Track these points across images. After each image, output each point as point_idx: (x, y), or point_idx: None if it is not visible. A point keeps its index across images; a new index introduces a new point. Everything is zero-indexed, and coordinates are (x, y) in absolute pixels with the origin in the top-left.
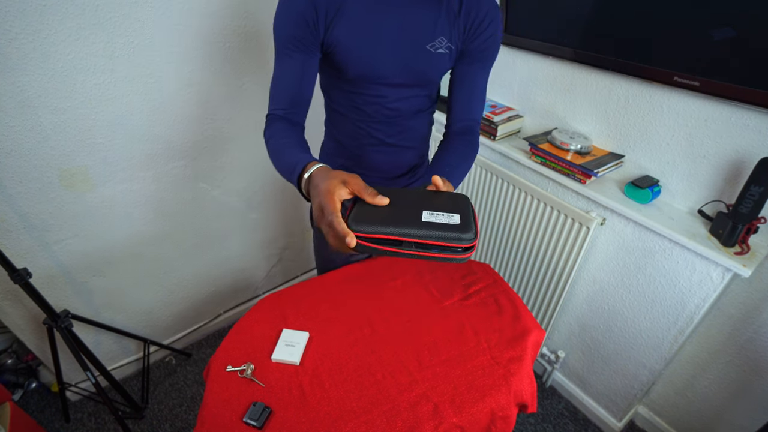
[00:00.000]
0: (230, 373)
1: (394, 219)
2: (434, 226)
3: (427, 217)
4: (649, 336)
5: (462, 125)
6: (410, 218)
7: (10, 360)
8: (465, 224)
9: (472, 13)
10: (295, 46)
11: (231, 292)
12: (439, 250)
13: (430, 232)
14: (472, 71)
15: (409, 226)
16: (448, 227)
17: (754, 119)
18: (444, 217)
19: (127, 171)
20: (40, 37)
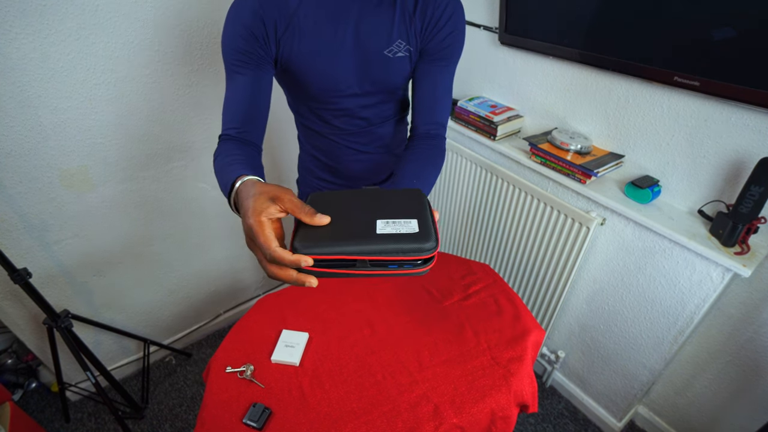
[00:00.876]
0: (230, 374)
1: (345, 234)
2: (391, 238)
3: (382, 228)
4: (649, 336)
5: (425, 129)
6: (364, 231)
7: (10, 360)
8: (424, 232)
9: (428, 10)
10: (244, 62)
11: (231, 292)
12: (398, 266)
13: (386, 246)
14: (433, 70)
15: (363, 241)
16: (406, 238)
17: (754, 119)
18: (400, 225)
19: (127, 171)
20: (40, 37)
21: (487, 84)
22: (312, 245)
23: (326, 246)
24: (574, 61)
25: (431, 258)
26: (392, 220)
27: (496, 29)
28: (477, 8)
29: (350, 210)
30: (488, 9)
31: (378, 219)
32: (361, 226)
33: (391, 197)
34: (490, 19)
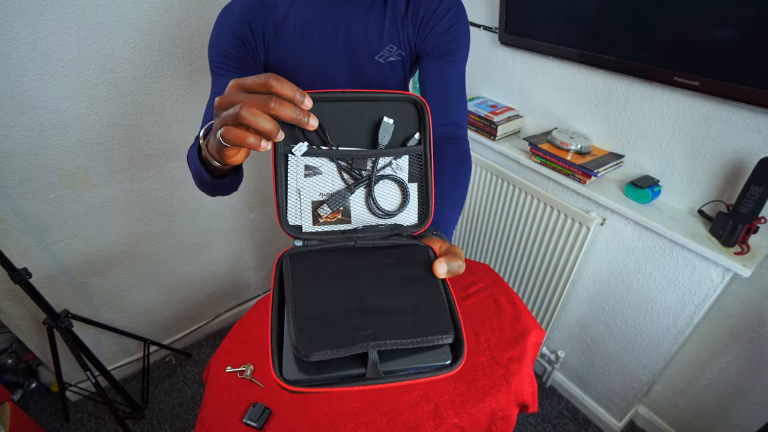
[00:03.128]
0: (230, 374)
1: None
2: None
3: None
4: (649, 336)
5: (442, 132)
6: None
7: (10, 360)
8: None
9: (421, 10)
10: (229, 65)
11: (231, 292)
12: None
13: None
14: (438, 68)
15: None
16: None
17: (754, 119)
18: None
19: (127, 171)
20: (40, 37)
21: (487, 84)
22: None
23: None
24: (574, 61)
25: (457, 353)
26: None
27: (496, 29)
28: (477, 8)
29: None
30: (488, 9)
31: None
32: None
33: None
34: (490, 19)
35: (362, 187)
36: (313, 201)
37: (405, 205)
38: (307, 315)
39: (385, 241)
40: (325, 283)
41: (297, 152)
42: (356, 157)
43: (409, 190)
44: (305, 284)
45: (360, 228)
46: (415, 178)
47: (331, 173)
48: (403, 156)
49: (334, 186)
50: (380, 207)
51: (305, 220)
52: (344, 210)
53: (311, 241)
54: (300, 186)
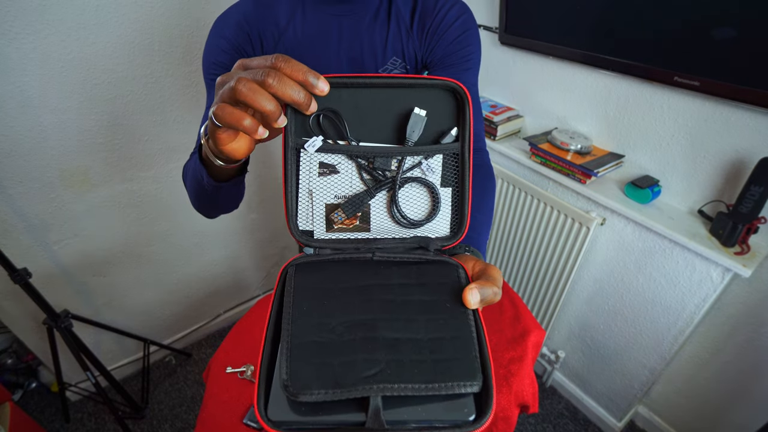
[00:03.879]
0: (230, 374)
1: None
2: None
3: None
4: (649, 336)
5: None
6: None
7: (10, 360)
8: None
9: (427, 20)
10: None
11: (231, 292)
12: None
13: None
14: (450, 77)
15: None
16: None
17: (754, 119)
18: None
19: (127, 171)
20: (40, 37)
21: (487, 84)
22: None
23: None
24: (574, 61)
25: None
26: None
27: (496, 29)
28: (477, 8)
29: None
30: (488, 9)
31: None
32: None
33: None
34: (490, 19)
35: (385, 191)
36: (327, 204)
37: (435, 214)
38: (304, 343)
39: (408, 255)
40: (332, 304)
41: (310, 148)
42: (379, 155)
43: (440, 197)
44: (308, 303)
45: (380, 238)
46: (449, 183)
47: (349, 173)
48: (436, 155)
49: (351, 188)
50: (405, 215)
51: (317, 225)
52: (362, 216)
53: (323, 249)
54: (312, 186)
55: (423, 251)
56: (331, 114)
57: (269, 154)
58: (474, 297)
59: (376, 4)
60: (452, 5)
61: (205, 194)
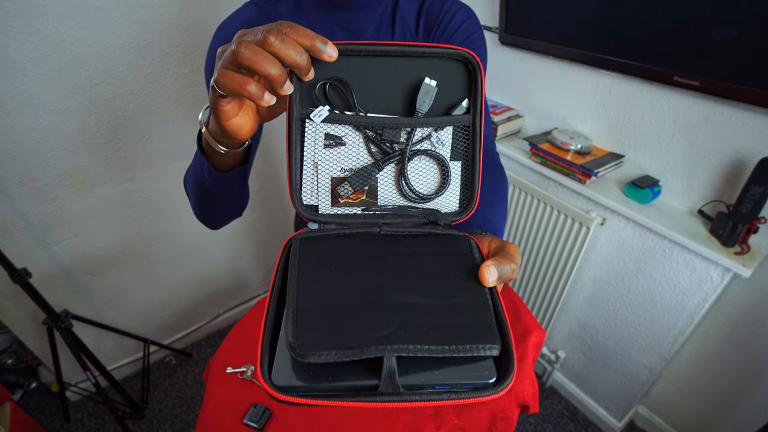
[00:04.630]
0: (230, 374)
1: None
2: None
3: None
4: (649, 336)
5: None
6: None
7: (10, 360)
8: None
9: (432, 27)
10: None
11: (231, 292)
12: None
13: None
14: None
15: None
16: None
17: (754, 119)
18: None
19: (127, 171)
20: (40, 37)
21: (487, 84)
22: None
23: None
24: (574, 61)
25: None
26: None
27: (496, 29)
28: (477, 8)
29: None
30: (488, 9)
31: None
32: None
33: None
34: (490, 19)
35: (393, 164)
36: (332, 177)
37: (444, 188)
38: (311, 306)
39: (417, 229)
40: (340, 271)
41: (316, 118)
42: (387, 127)
43: (450, 170)
44: (314, 270)
45: (388, 212)
46: (459, 156)
47: (356, 145)
48: (446, 127)
49: (358, 160)
50: (413, 189)
51: (322, 199)
52: (369, 189)
53: (329, 224)
54: (318, 159)
55: (432, 226)
56: (338, 83)
57: (269, 154)
58: (492, 274)
59: (380, 11)
60: (457, 10)
61: (207, 193)
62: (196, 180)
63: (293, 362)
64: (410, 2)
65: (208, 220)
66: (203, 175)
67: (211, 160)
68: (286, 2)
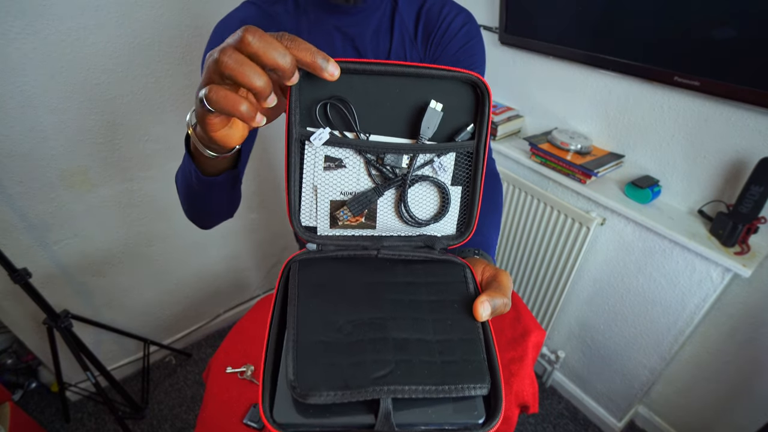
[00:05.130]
0: (230, 374)
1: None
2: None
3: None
4: (649, 336)
5: None
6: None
7: (10, 360)
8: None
9: (431, 31)
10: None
11: (231, 292)
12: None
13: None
14: None
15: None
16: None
17: (754, 119)
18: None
19: (127, 171)
20: (40, 37)
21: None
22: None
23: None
24: (574, 61)
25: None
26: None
27: (496, 29)
28: (477, 8)
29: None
30: (488, 9)
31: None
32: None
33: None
34: (490, 19)
35: (393, 189)
36: (331, 200)
37: (443, 214)
38: (311, 343)
39: (413, 253)
40: (338, 302)
41: (316, 141)
42: (390, 151)
43: (450, 196)
44: (312, 301)
45: (385, 236)
46: (460, 181)
47: (356, 168)
48: (449, 153)
49: (359, 184)
50: (413, 215)
51: (321, 221)
52: (369, 213)
53: (327, 245)
54: (317, 182)
55: (428, 250)
56: (339, 103)
57: (269, 153)
58: (485, 310)
59: (378, 15)
60: (456, 14)
61: (195, 195)
62: (185, 182)
63: (294, 399)
64: (409, 6)
65: (197, 221)
66: (191, 178)
67: (199, 163)
68: (284, 2)
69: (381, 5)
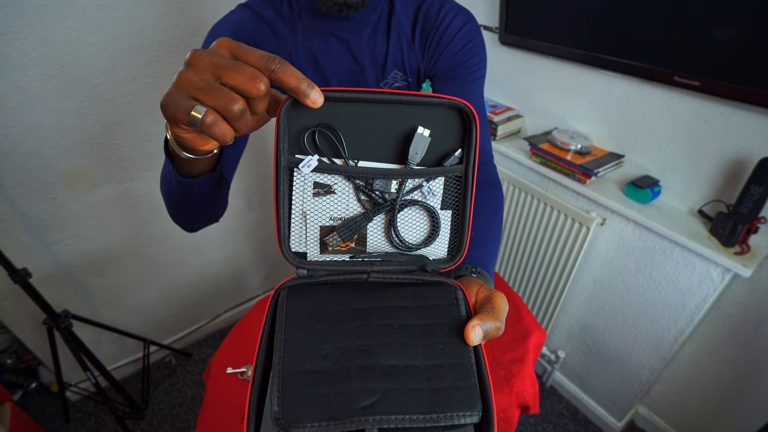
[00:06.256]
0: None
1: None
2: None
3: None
4: (649, 336)
5: None
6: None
7: (10, 360)
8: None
9: (429, 34)
10: None
11: (231, 292)
12: None
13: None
14: (456, 89)
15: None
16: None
17: (754, 119)
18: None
19: (127, 171)
20: (40, 37)
21: (487, 84)
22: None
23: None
24: (574, 61)
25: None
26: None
27: (496, 29)
28: (477, 8)
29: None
30: (488, 9)
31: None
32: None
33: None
34: (490, 19)
35: (383, 214)
36: (321, 226)
37: (433, 238)
38: (297, 373)
39: (405, 276)
40: (326, 330)
41: (305, 168)
42: (379, 177)
43: (440, 221)
44: (300, 329)
45: (376, 260)
46: (450, 205)
47: (345, 194)
48: (438, 178)
49: (348, 210)
50: (402, 239)
51: (311, 247)
52: (359, 238)
53: (317, 271)
54: (306, 208)
55: (420, 272)
56: (327, 130)
57: (269, 154)
58: (476, 334)
59: (375, 18)
60: (455, 15)
61: (176, 197)
62: (166, 183)
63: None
64: (406, 8)
65: (181, 223)
66: (171, 180)
67: (177, 164)
68: (279, 6)
69: (377, 8)
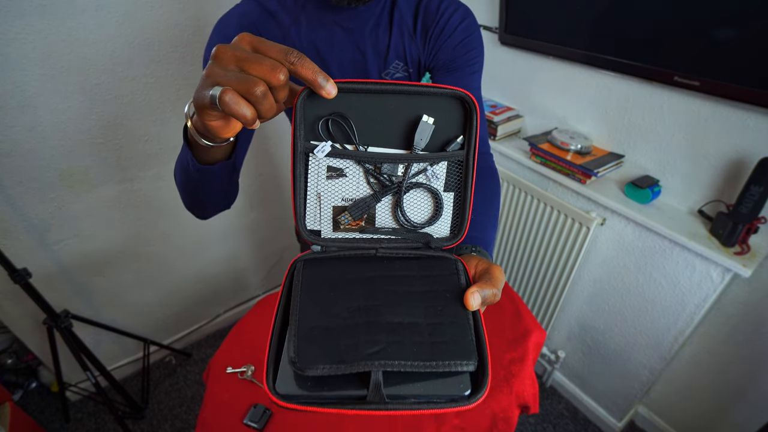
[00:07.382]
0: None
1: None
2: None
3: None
4: (649, 336)
5: None
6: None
7: (10, 360)
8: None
9: (430, 26)
10: None
11: (231, 292)
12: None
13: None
14: (455, 81)
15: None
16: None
17: (754, 119)
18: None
19: (127, 171)
20: (40, 37)
21: (487, 84)
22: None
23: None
24: (574, 61)
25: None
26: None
27: (496, 29)
28: (477, 8)
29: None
30: (488, 9)
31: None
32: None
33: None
34: (490, 19)
35: (390, 195)
36: (334, 206)
37: (437, 218)
38: (311, 326)
39: (410, 251)
40: (337, 294)
41: (319, 153)
42: (386, 161)
43: (443, 202)
44: (314, 293)
45: (384, 237)
46: (452, 188)
47: (356, 177)
48: (441, 162)
49: (358, 192)
50: (408, 218)
51: (325, 225)
52: (368, 217)
53: (330, 247)
54: (320, 190)
55: (425, 248)
56: (340, 119)
57: (271, 154)
58: (475, 300)
59: (378, 10)
60: (455, 9)
61: (192, 183)
62: (183, 170)
63: (294, 375)
64: (407, 1)
65: (195, 210)
66: (188, 167)
67: (195, 152)
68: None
69: (381, 0)
